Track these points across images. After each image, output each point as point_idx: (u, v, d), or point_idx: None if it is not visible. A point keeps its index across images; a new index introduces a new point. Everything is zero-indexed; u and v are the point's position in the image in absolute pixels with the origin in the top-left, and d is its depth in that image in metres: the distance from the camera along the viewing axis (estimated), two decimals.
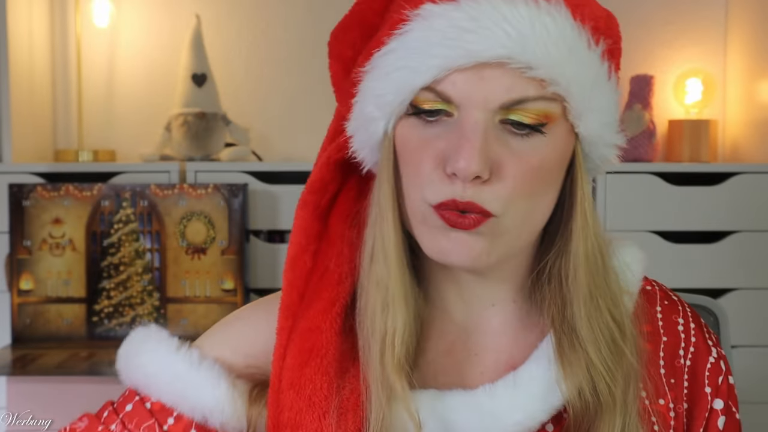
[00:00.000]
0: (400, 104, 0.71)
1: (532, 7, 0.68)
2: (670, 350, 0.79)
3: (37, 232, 1.89)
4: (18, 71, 2.03)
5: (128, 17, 2.26)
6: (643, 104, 2.12)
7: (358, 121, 0.75)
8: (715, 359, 0.80)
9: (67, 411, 1.68)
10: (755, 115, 2.15)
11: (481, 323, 0.79)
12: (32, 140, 2.12)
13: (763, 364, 1.97)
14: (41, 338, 1.88)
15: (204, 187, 1.90)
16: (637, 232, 1.96)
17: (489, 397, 0.73)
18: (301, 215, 0.79)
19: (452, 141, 0.69)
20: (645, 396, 0.77)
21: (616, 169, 1.96)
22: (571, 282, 0.74)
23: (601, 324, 0.73)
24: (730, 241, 1.97)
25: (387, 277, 0.74)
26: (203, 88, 2.11)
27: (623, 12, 2.25)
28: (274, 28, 2.29)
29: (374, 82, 0.72)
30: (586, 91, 0.70)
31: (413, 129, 0.72)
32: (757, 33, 2.15)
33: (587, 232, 0.74)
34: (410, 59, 0.69)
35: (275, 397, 0.75)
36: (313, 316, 0.76)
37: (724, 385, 0.80)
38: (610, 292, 0.75)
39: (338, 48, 0.78)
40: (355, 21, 0.77)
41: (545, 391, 0.73)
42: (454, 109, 0.69)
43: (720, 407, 0.79)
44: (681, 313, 0.82)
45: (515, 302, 0.79)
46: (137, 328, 0.85)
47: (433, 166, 0.70)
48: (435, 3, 0.69)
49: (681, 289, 0.88)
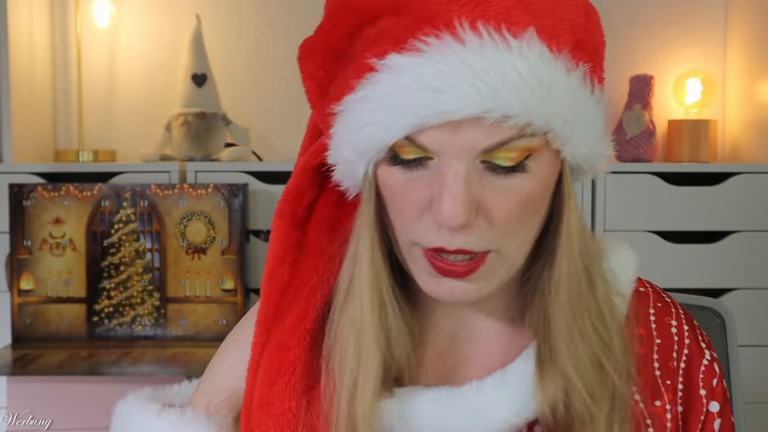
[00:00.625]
0: (378, 153, 0.69)
1: (503, 51, 0.64)
2: (664, 352, 0.79)
3: (37, 232, 1.89)
4: (18, 71, 2.03)
5: (128, 17, 2.26)
6: (642, 104, 2.12)
7: (336, 155, 0.73)
8: (708, 361, 0.80)
9: (67, 411, 1.69)
10: (755, 115, 2.15)
11: (474, 332, 0.79)
12: (32, 140, 2.12)
13: (763, 364, 1.97)
14: (41, 338, 1.88)
15: (204, 187, 1.91)
16: (637, 232, 1.96)
17: (476, 394, 0.73)
18: (277, 225, 0.77)
19: (434, 188, 0.67)
20: (640, 399, 0.76)
21: (616, 169, 1.96)
22: (553, 298, 0.72)
23: (585, 346, 0.72)
24: (730, 241, 1.97)
25: (360, 318, 0.72)
26: (203, 88, 2.11)
27: (623, 12, 2.27)
28: (274, 28, 2.29)
29: (348, 130, 0.70)
30: (569, 119, 0.67)
31: (395, 174, 0.69)
32: (757, 33, 2.15)
33: (571, 252, 0.72)
34: (381, 113, 0.66)
35: (247, 414, 0.75)
36: (282, 332, 0.75)
37: (719, 387, 0.79)
38: (598, 311, 0.73)
39: (309, 68, 0.76)
40: (322, 44, 0.74)
41: (531, 389, 0.73)
42: (434, 155, 0.67)
43: (716, 410, 0.79)
44: (674, 315, 0.81)
45: (509, 310, 0.79)
46: (119, 404, 0.82)
47: (418, 213, 0.68)
48: (400, 54, 0.65)
49: (681, 289, 0.88)
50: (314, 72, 0.75)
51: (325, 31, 0.73)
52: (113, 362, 1.72)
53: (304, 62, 0.76)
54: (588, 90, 0.69)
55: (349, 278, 0.73)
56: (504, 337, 0.79)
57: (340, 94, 0.70)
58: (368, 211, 0.71)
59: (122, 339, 1.90)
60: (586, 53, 0.70)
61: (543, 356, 0.73)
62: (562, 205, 0.72)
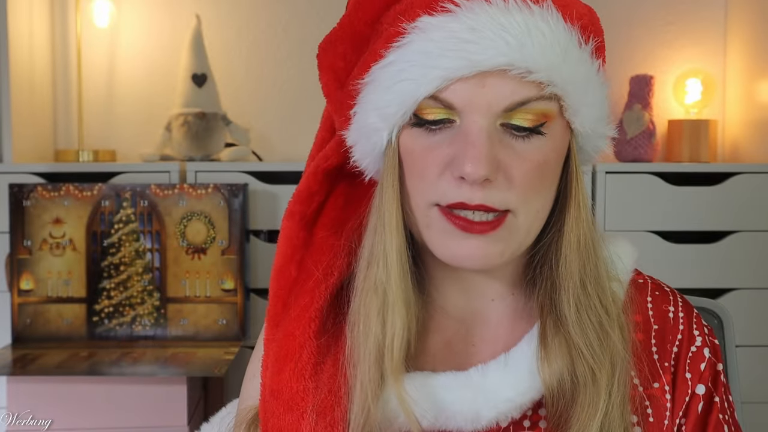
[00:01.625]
0: (403, 115, 0.72)
1: (527, 14, 0.70)
2: (661, 336, 0.81)
3: (37, 232, 1.89)
4: (18, 71, 2.03)
5: (128, 17, 2.26)
6: (642, 104, 2.12)
7: (360, 132, 0.76)
8: (697, 347, 0.81)
9: (67, 411, 1.69)
10: (755, 115, 2.15)
11: (480, 317, 0.81)
12: (32, 140, 2.12)
13: (762, 364, 1.97)
14: (41, 338, 1.88)
15: (204, 187, 1.91)
16: (636, 232, 1.96)
17: (481, 376, 0.75)
18: (287, 225, 0.81)
19: (457, 147, 0.70)
20: (638, 383, 0.78)
21: (616, 169, 1.97)
22: (562, 268, 0.76)
23: (588, 309, 0.75)
24: (730, 241, 1.97)
25: (386, 281, 0.74)
26: (203, 88, 2.11)
27: (623, 12, 2.27)
28: (274, 28, 2.29)
29: (375, 95, 0.74)
30: (580, 88, 0.73)
31: (417, 138, 0.73)
32: (757, 33, 2.15)
33: (580, 221, 0.76)
34: (411, 71, 0.71)
35: (263, 407, 0.77)
36: (288, 323, 0.77)
37: (707, 371, 0.81)
38: (599, 278, 0.77)
39: (328, 60, 0.79)
40: (346, 33, 0.78)
41: (534, 369, 0.75)
42: (457, 116, 0.71)
43: (701, 392, 0.80)
44: (672, 302, 0.83)
45: (513, 294, 0.81)
46: None
47: (440, 171, 0.71)
48: (432, 15, 0.71)
49: (680, 289, 0.88)
50: (333, 63, 0.79)
51: (350, 18, 0.78)
52: (113, 362, 1.72)
53: (324, 55, 0.80)
54: (595, 67, 0.75)
55: (370, 247, 0.76)
56: (507, 322, 0.81)
57: (365, 68, 0.74)
58: (392, 177, 0.74)
59: (122, 339, 1.90)
60: (594, 39, 0.75)
61: (546, 329, 0.75)
62: (571, 178, 0.76)
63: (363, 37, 0.77)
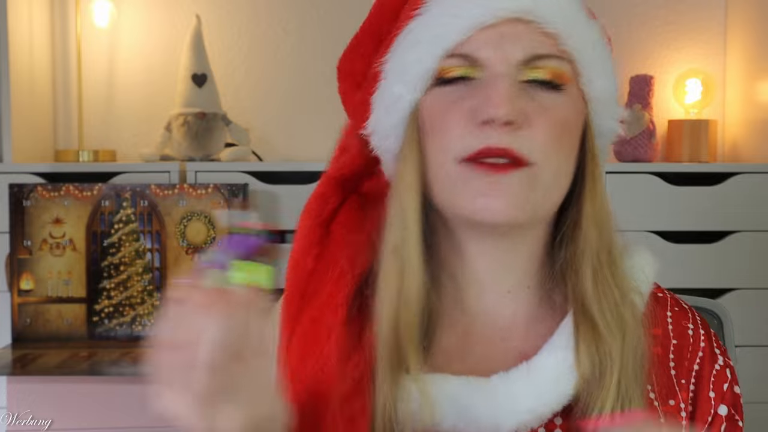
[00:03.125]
0: (425, 74, 0.74)
1: None
2: (680, 352, 0.80)
3: (37, 232, 1.89)
4: (18, 71, 2.03)
5: (128, 17, 2.26)
6: (642, 104, 2.12)
7: (380, 111, 0.78)
8: (721, 366, 0.81)
9: (67, 411, 1.69)
10: (755, 115, 2.15)
11: (494, 312, 0.80)
12: (32, 140, 2.12)
13: (762, 364, 1.97)
14: (41, 338, 1.88)
15: (204, 187, 1.90)
16: (637, 232, 1.96)
17: (504, 384, 0.74)
18: (303, 222, 0.82)
19: (481, 96, 0.72)
20: (654, 398, 0.77)
21: (616, 169, 1.97)
22: (582, 242, 0.77)
23: (603, 281, 0.76)
24: (730, 241, 1.97)
25: (402, 243, 0.76)
26: (203, 88, 2.11)
27: (623, 12, 2.27)
28: (274, 28, 2.29)
29: (397, 61, 0.76)
30: (592, 53, 0.76)
31: (439, 96, 0.75)
32: (757, 33, 2.15)
33: (595, 194, 0.77)
34: (433, 28, 0.74)
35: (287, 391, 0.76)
36: (313, 310, 0.77)
37: (729, 392, 0.80)
38: (612, 251, 0.78)
39: (348, 65, 0.82)
40: (367, 34, 0.81)
41: (557, 379, 0.74)
42: (477, 72, 0.73)
43: (724, 413, 0.79)
44: (691, 320, 0.83)
45: (529, 288, 0.81)
46: None
47: (464, 122, 0.73)
48: None
49: (681, 289, 0.89)
50: (352, 67, 0.81)
51: (372, 19, 0.81)
52: (113, 362, 1.72)
53: (344, 62, 0.82)
54: (605, 42, 0.78)
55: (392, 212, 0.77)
56: (521, 321, 0.80)
57: (386, 49, 0.77)
58: (412, 141, 0.76)
59: (122, 339, 1.90)
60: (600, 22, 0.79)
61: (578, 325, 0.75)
62: (587, 155, 0.77)
63: (386, 33, 0.79)
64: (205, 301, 0.58)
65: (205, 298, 0.58)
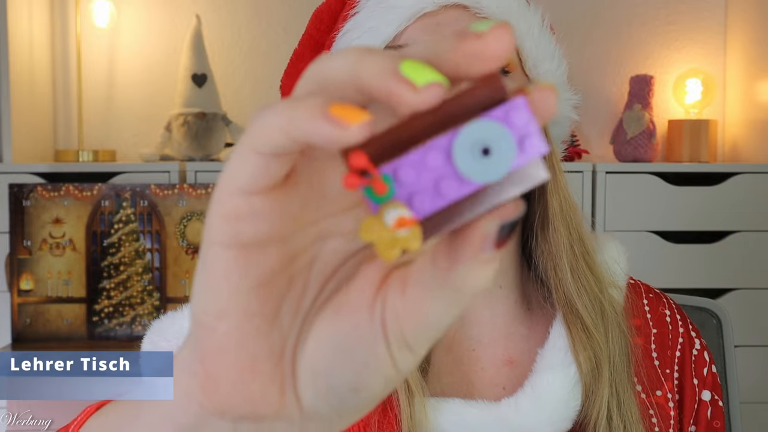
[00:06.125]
0: None
1: None
2: (661, 341, 0.81)
3: (37, 232, 1.89)
4: (18, 71, 2.03)
5: (128, 17, 2.26)
6: (643, 104, 2.12)
7: None
8: (698, 351, 0.81)
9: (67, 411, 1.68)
10: (755, 115, 2.15)
11: (472, 316, 0.79)
12: (32, 140, 2.12)
13: (762, 364, 1.97)
14: (41, 338, 1.88)
15: (204, 187, 1.91)
16: (636, 232, 1.96)
17: (514, 411, 0.73)
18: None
19: None
20: (641, 390, 0.77)
21: (616, 169, 1.97)
22: (554, 238, 0.75)
23: (579, 273, 0.75)
24: (730, 241, 1.97)
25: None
26: (203, 88, 2.11)
27: (623, 12, 2.27)
28: (274, 28, 2.29)
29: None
30: (535, 38, 0.75)
31: None
32: (757, 33, 2.15)
33: (558, 186, 0.76)
34: (369, 23, 0.73)
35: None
36: None
37: (710, 376, 0.81)
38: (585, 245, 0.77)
39: (290, 81, 0.81)
40: (306, 48, 0.80)
41: (565, 398, 0.73)
42: None
43: (708, 398, 0.80)
44: (666, 306, 0.83)
45: (501, 288, 0.79)
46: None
47: None
48: None
49: (681, 289, 0.89)
50: (293, 83, 0.80)
51: (310, 32, 0.81)
52: None
53: (287, 80, 0.82)
54: (548, 31, 0.77)
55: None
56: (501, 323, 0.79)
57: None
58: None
59: (122, 339, 1.90)
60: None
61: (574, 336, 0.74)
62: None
63: (324, 46, 0.78)
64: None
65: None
